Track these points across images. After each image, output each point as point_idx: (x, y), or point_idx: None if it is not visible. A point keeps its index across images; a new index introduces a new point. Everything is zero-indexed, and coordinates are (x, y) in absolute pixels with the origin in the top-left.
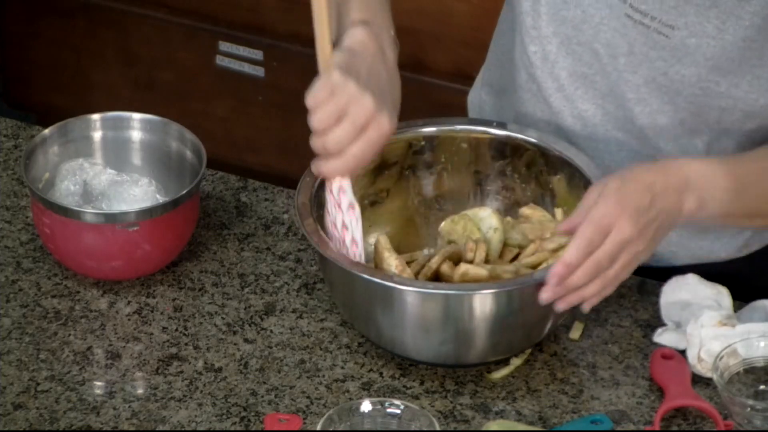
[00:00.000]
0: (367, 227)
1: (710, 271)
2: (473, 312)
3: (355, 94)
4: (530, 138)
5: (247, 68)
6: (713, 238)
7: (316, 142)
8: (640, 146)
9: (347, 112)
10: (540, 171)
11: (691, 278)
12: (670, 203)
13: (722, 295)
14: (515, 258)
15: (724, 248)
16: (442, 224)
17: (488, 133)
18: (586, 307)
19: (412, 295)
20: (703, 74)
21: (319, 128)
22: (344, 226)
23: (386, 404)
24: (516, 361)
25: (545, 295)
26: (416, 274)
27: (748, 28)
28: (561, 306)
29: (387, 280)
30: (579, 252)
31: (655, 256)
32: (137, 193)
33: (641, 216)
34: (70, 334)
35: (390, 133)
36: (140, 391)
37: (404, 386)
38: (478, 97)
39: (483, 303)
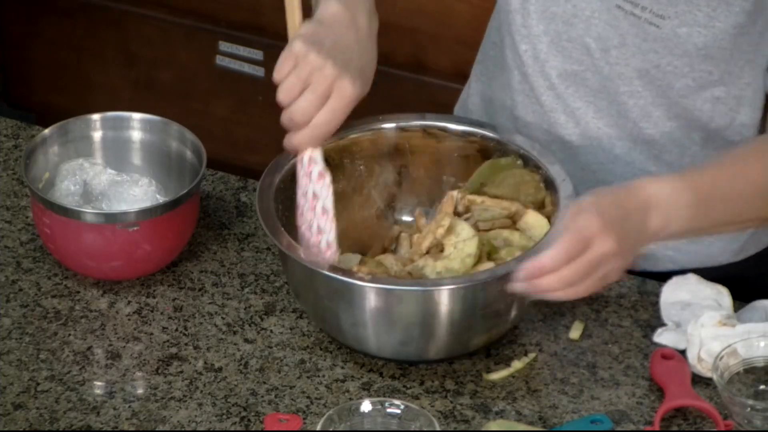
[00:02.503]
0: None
1: (708, 275)
2: (428, 308)
3: (316, 64)
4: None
5: (247, 68)
6: (709, 243)
7: (284, 115)
8: (633, 142)
9: (310, 81)
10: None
11: (691, 278)
12: (639, 222)
13: (722, 295)
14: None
15: (721, 252)
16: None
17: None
18: (551, 297)
19: (368, 290)
20: (695, 64)
21: (285, 101)
22: (314, 195)
23: (386, 404)
24: (517, 364)
25: (514, 287)
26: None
27: (738, 14)
28: (528, 292)
29: (347, 276)
30: (556, 259)
31: (651, 261)
32: (137, 193)
33: (620, 230)
34: (70, 334)
35: (353, 98)
36: (140, 391)
37: (404, 386)
38: (464, 108)
39: (438, 299)
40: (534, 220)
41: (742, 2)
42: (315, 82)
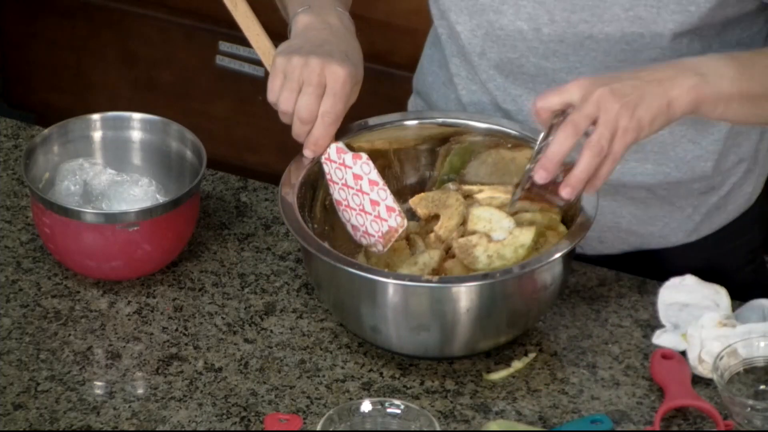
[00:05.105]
0: None
1: (662, 257)
2: (456, 305)
3: (300, 64)
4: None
5: (247, 68)
6: (662, 224)
7: (294, 127)
8: None
9: (302, 80)
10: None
11: (689, 279)
12: (656, 88)
13: (720, 295)
14: None
15: (673, 233)
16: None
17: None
18: (592, 191)
19: (393, 287)
20: (625, 28)
21: (288, 109)
22: (356, 177)
23: (386, 404)
24: (517, 364)
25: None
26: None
27: None
28: (566, 193)
29: (370, 273)
30: (559, 142)
31: (605, 243)
32: (137, 193)
33: (620, 87)
34: (70, 334)
35: (346, 78)
36: (140, 391)
37: (404, 386)
38: (414, 104)
39: (466, 295)
40: None
41: None
42: (306, 78)
